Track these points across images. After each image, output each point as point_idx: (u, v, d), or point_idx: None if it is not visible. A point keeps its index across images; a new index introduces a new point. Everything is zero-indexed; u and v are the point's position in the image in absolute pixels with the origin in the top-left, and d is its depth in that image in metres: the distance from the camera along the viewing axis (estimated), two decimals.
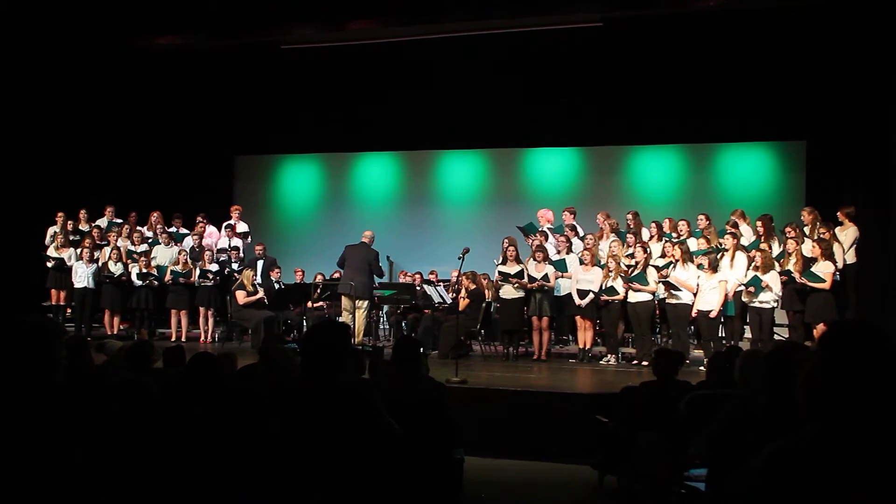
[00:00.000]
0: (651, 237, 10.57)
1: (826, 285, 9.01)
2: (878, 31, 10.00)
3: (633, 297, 9.79)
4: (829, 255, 9.11)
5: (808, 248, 9.42)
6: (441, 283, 12.17)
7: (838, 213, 9.90)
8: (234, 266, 12.00)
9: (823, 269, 9.06)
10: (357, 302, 10.76)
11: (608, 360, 10.02)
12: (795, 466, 1.72)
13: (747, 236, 10.25)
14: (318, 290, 11.77)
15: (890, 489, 1.67)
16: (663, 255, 10.00)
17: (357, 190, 14.96)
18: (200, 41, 12.88)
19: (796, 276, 9.20)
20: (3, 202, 12.20)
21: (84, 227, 12.76)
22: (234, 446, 3.08)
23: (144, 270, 11.62)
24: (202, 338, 11.72)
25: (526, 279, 10.20)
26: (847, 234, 9.74)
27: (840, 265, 9.28)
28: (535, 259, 10.36)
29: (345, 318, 10.77)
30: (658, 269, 9.76)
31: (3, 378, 2.30)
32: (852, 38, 10.53)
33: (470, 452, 5.16)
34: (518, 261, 10.46)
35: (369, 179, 14.97)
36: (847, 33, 10.56)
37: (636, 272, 9.77)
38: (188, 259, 11.78)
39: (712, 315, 9.36)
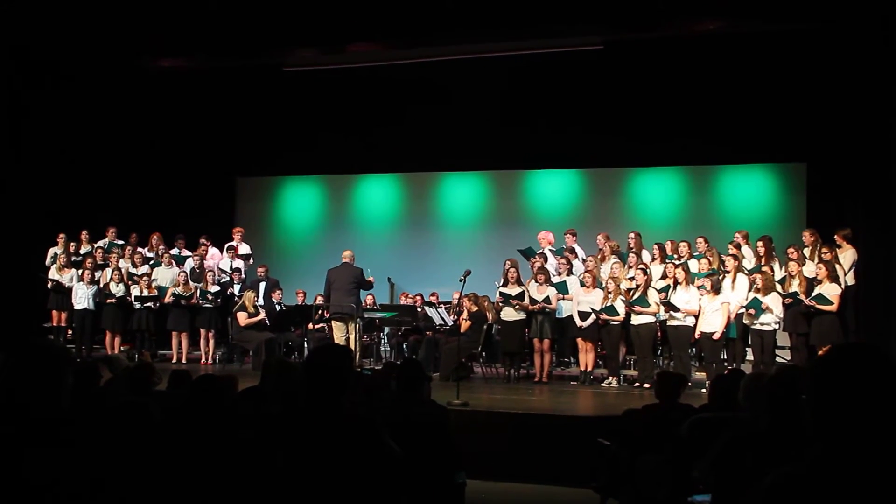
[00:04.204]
0: (653, 259, 10.56)
1: (833, 307, 8.99)
2: (877, 55, 10.05)
3: (635, 320, 9.77)
4: (834, 277, 9.10)
5: (811, 270, 9.42)
6: (442, 305, 12.12)
7: (835, 236, 9.89)
8: (236, 288, 11.99)
9: (830, 290, 9.03)
10: (350, 324, 10.68)
11: (610, 383, 9.99)
12: (800, 493, 1.71)
13: (748, 258, 10.24)
14: (320, 312, 11.75)
15: None
16: (664, 277, 9.99)
17: (358, 212, 14.97)
18: (203, 63, 12.98)
19: (803, 298, 9.17)
20: (4, 223, 12.20)
21: (85, 248, 12.76)
22: (235, 468, 3.07)
23: (145, 292, 11.62)
24: (203, 359, 11.69)
25: (527, 301, 10.19)
26: (845, 256, 9.72)
27: (843, 287, 9.27)
28: (536, 281, 10.35)
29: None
30: (659, 291, 9.75)
31: (8, 402, 2.29)
32: (852, 61, 10.57)
33: (471, 476, 5.13)
34: (519, 282, 10.45)
35: (371, 201, 14.98)
36: (846, 56, 10.61)
37: (637, 295, 9.76)
38: (188, 280, 11.77)
39: (715, 337, 9.33)
